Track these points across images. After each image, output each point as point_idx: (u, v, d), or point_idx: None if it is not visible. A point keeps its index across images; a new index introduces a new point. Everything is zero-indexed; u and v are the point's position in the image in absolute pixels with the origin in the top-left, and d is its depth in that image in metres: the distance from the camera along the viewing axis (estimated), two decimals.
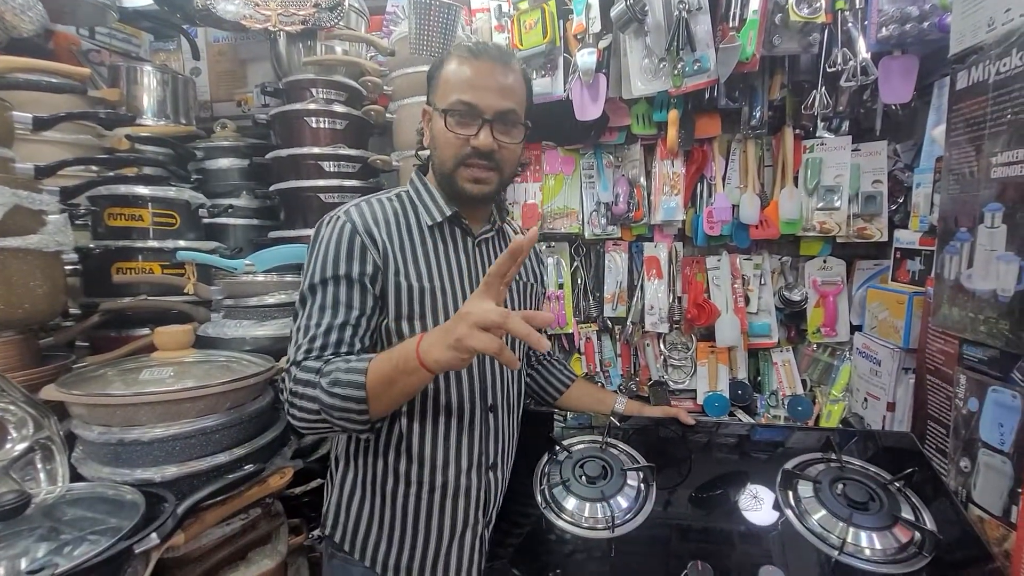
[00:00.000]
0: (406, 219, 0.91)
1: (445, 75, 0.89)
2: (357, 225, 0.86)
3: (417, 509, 0.89)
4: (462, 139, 0.86)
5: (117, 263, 1.17)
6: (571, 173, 1.75)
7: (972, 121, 0.94)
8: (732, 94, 1.56)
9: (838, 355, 1.64)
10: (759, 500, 0.96)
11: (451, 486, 0.90)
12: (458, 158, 0.87)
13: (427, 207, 0.93)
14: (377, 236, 0.86)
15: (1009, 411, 0.87)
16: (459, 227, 0.95)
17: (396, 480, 0.89)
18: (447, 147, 0.88)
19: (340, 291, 0.83)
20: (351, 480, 0.91)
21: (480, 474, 0.93)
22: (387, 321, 0.87)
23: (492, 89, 0.86)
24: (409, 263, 0.88)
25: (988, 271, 0.89)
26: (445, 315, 0.88)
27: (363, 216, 0.87)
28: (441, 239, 0.93)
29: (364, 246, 0.85)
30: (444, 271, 0.90)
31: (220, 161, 1.53)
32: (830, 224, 1.56)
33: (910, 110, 1.50)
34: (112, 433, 0.83)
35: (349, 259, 0.84)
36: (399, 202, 0.94)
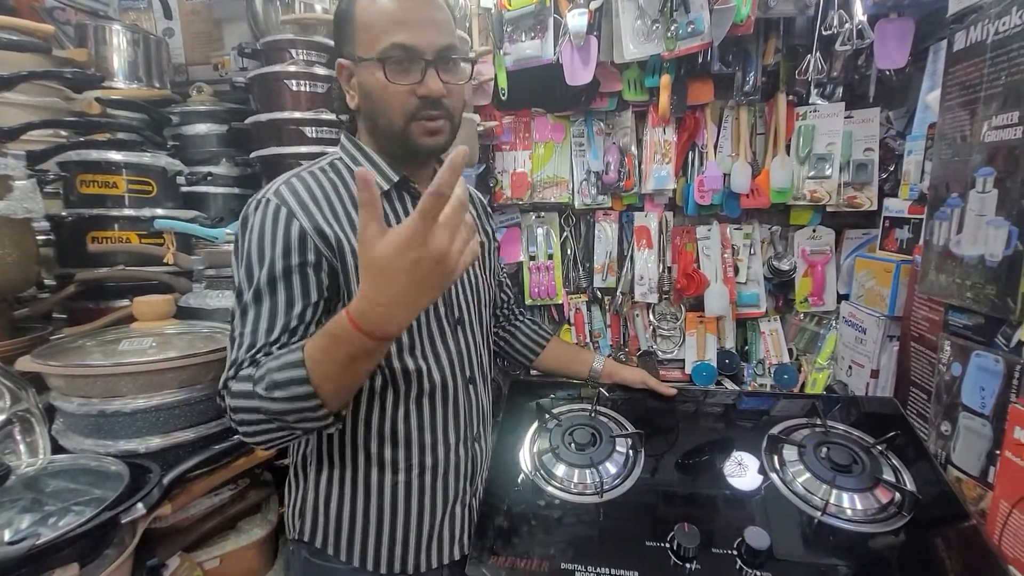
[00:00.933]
0: (348, 191, 0.79)
1: (364, 17, 0.75)
2: (292, 207, 0.73)
3: (408, 495, 0.85)
4: (406, 90, 0.74)
5: (92, 232, 1.13)
6: (561, 141, 1.71)
7: (967, 84, 0.92)
8: (726, 59, 1.52)
9: (824, 324, 1.66)
10: (744, 465, 0.97)
11: (440, 465, 0.87)
12: (407, 112, 0.75)
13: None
14: (320, 219, 0.74)
15: (991, 375, 0.89)
16: (407, 192, 0.85)
17: (381, 469, 0.83)
18: (391, 102, 0.75)
19: (278, 292, 0.72)
20: (327, 478, 0.83)
21: (467, 447, 0.92)
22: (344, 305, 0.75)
23: (427, 23, 0.74)
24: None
25: (977, 236, 0.89)
26: None
27: (297, 194, 0.75)
28: (390, 209, 0.82)
29: (303, 230, 0.73)
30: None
31: (197, 127, 1.47)
32: (820, 193, 1.56)
33: (904, 76, 1.48)
34: (92, 404, 0.81)
35: (287, 248, 0.72)
36: (335, 172, 0.81)
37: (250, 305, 0.72)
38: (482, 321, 0.97)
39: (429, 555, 0.88)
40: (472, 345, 0.93)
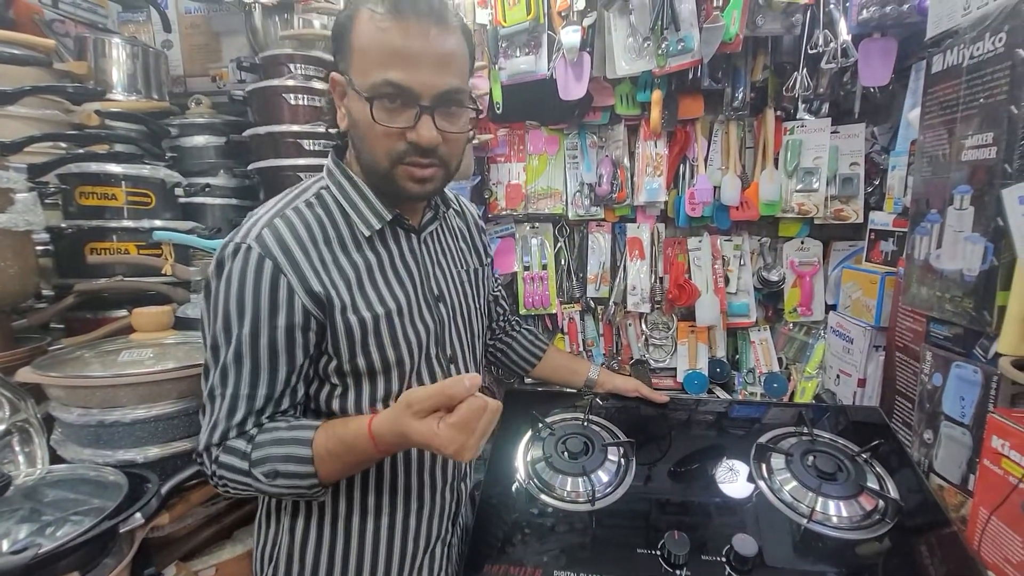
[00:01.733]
0: (336, 232, 0.72)
1: (361, 39, 0.66)
2: (278, 259, 0.66)
3: (390, 538, 0.81)
4: (395, 133, 0.67)
5: (91, 243, 1.14)
6: (555, 153, 1.74)
7: (945, 104, 0.96)
8: (715, 75, 1.56)
9: (813, 333, 1.69)
10: (734, 473, 0.99)
11: (426, 507, 0.84)
12: (393, 156, 0.68)
13: (359, 212, 0.74)
14: (310, 273, 0.68)
15: (970, 385, 0.92)
16: (401, 228, 0.79)
17: (364, 515, 0.79)
18: (377, 143, 0.68)
19: (261, 353, 0.67)
20: (303, 524, 0.78)
21: (453, 489, 0.90)
22: (336, 364, 0.73)
23: (429, 62, 0.65)
24: (355, 292, 0.72)
25: (956, 251, 0.92)
26: (406, 340, 0.76)
27: (282, 242, 0.67)
28: (383, 248, 0.76)
29: (291, 289, 0.67)
30: (395, 287, 0.76)
31: (195, 139, 1.49)
32: (808, 206, 1.59)
33: (888, 93, 1.52)
34: (92, 415, 0.82)
35: (273, 309, 0.66)
36: (322, 207, 0.73)
37: (230, 365, 0.67)
38: (475, 355, 0.93)
39: None
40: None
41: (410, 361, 0.78)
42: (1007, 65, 0.81)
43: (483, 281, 0.96)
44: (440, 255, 0.86)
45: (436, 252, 0.86)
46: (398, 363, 0.76)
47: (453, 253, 0.90)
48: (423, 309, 0.80)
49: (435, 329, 0.81)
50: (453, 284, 0.87)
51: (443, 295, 0.84)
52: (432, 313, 0.81)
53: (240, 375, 0.67)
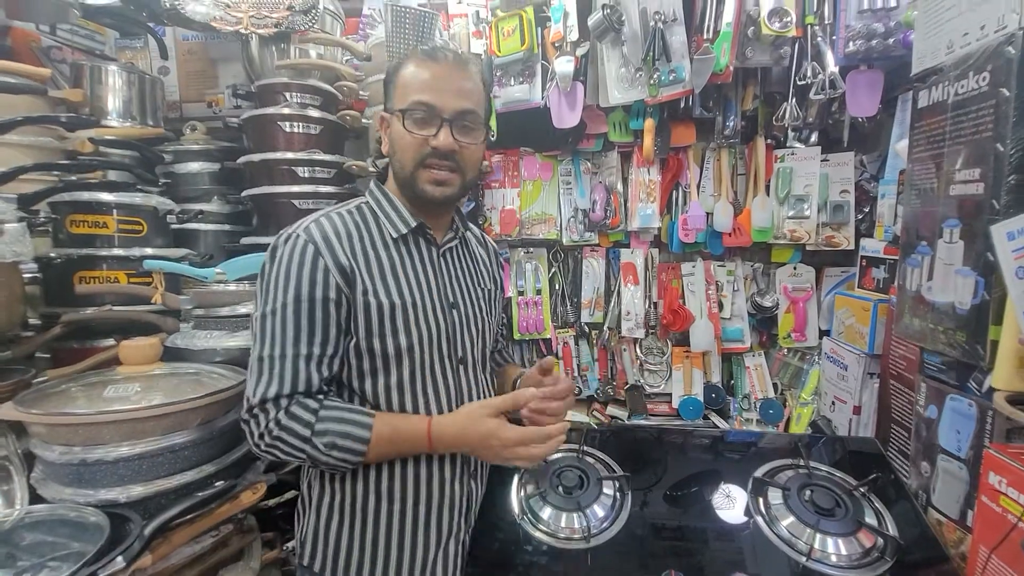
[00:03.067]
0: (368, 232, 0.88)
1: (402, 79, 0.88)
2: (319, 244, 0.82)
3: (402, 526, 0.88)
4: (421, 139, 0.85)
5: (80, 272, 1.12)
6: (549, 179, 1.76)
7: (932, 139, 0.98)
8: (706, 104, 1.58)
9: (807, 359, 1.69)
10: (732, 505, 0.98)
11: (435, 498, 0.90)
12: (418, 159, 0.86)
13: (390, 218, 0.91)
14: (341, 254, 0.83)
15: (965, 419, 0.91)
16: (424, 237, 0.93)
17: (379, 499, 0.87)
18: (407, 149, 0.86)
19: (302, 317, 0.80)
20: (328, 504, 0.88)
21: (463, 482, 0.94)
22: (355, 341, 0.84)
23: (450, 90, 0.86)
24: (376, 279, 0.85)
25: (947, 284, 0.92)
26: (418, 330, 0.87)
27: (324, 233, 0.84)
28: (407, 251, 0.91)
29: (327, 268, 0.81)
30: (412, 284, 0.89)
31: (190, 165, 1.49)
32: (800, 232, 1.60)
33: (875, 122, 1.55)
34: (74, 453, 0.79)
35: (312, 282, 0.80)
36: (359, 215, 0.91)
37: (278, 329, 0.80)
38: (484, 364, 1.02)
39: None
40: (473, 383, 0.96)
41: (420, 351, 0.87)
42: (991, 103, 0.82)
43: (496, 303, 1.07)
44: (457, 270, 0.98)
45: (454, 267, 0.97)
46: (408, 350, 0.86)
47: (470, 272, 1.01)
48: (437, 310, 0.90)
49: (447, 329, 0.91)
50: (468, 297, 0.97)
51: (457, 303, 0.94)
52: (445, 315, 0.91)
53: (286, 340, 0.79)
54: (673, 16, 1.46)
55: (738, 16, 1.42)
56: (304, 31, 1.31)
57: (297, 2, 1.25)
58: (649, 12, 1.46)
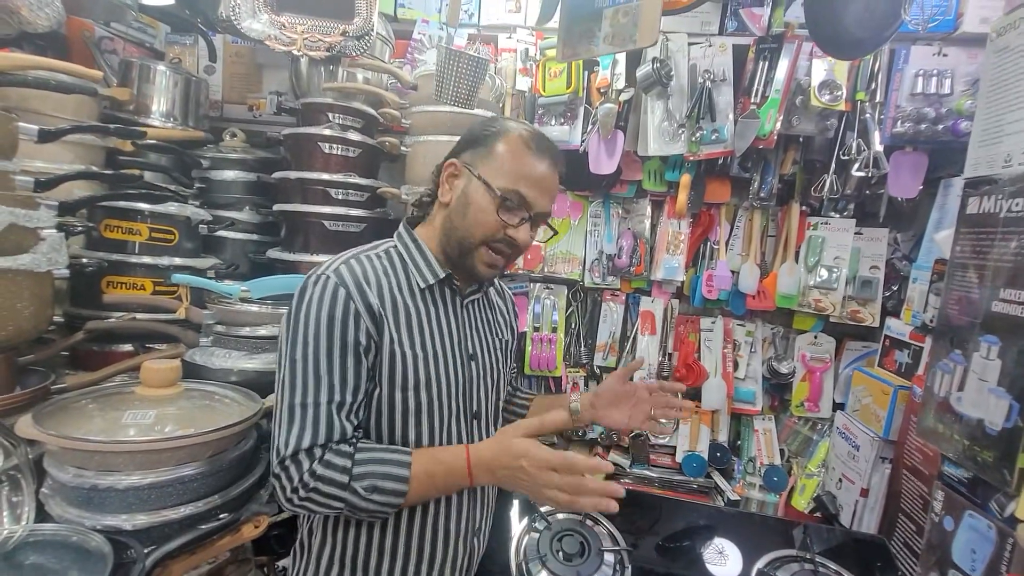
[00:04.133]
0: (396, 280, 0.87)
1: (505, 153, 0.85)
2: (350, 288, 0.80)
3: None
4: (501, 224, 0.84)
5: (109, 276, 1.13)
6: (578, 219, 1.75)
7: (979, 249, 0.96)
8: (745, 164, 1.57)
9: (818, 430, 1.67)
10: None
11: (439, 556, 0.88)
12: (487, 238, 0.85)
13: (418, 267, 0.89)
14: (372, 301, 0.81)
15: (983, 539, 0.89)
16: (450, 288, 0.93)
17: (380, 555, 0.85)
18: (482, 226, 0.85)
19: (335, 364, 0.78)
20: (328, 555, 0.86)
21: (466, 541, 0.93)
22: (380, 392, 0.83)
23: (549, 193, 0.87)
24: (403, 330, 0.84)
25: (979, 400, 0.90)
26: (437, 384, 0.86)
27: (355, 276, 0.82)
28: (432, 301, 0.90)
29: (358, 313, 0.80)
30: (436, 336, 0.88)
31: (226, 173, 1.49)
32: (825, 303, 1.59)
33: (914, 202, 1.53)
34: (86, 478, 0.80)
35: (344, 327, 0.79)
36: (388, 260, 0.89)
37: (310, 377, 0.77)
38: (497, 415, 1.01)
39: None
40: (486, 437, 0.94)
41: (438, 405, 0.86)
42: None
43: (511, 353, 1.07)
44: (478, 321, 0.97)
45: (475, 318, 0.97)
46: (428, 404, 0.85)
47: (490, 322, 1.01)
48: (457, 363, 0.89)
49: (464, 384, 0.90)
50: (486, 348, 0.97)
51: (476, 355, 0.94)
52: (464, 369, 0.91)
53: (320, 387, 0.77)
54: (723, 76, 1.45)
55: (788, 83, 1.41)
56: (355, 56, 1.31)
57: (351, 28, 1.26)
58: (699, 69, 1.46)
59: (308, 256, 1.35)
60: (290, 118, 1.52)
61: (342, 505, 0.76)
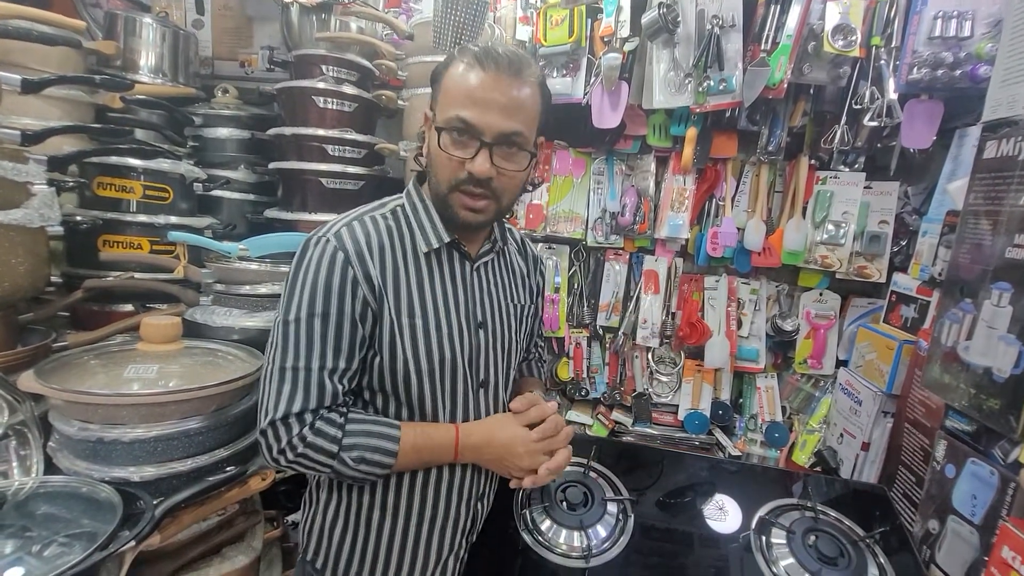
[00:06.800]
0: (401, 243, 0.83)
1: (447, 82, 0.79)
2: (350, 254, 0.77)
3: (404, 541, 0.87)
4: (456, 162, 0.78)
5: (104, 235, 1.12)
6: (580, 177, 1.71)
7: (994, 194, 0.93)
8: (753, 116, 1.52)
9: (820, 387, 1.67)
10: (734, 540, 0.98)
11: (440, 517, 0.89)
12: (452, 182, 0.79)
13: (424, 230, 0.85)
14: (372, 270, 0.79)
15: (985, 485, 0.89)
16: (457, 251, 0.88)
17: (383, 512, 0.86)
18: (441, 168, 0.80)
19: (329, 330, 0.76)
20: (333, 508, 0.87)
21: (469, 505, 0.92)
22: (380, 359, 0.81)
23: (496, 106, 0.76)
24: (403, 299, 0.81)
25: (988, 348, 0.89)
26: (440, 353, 0.83)
27: (356, 241, 0.79)
28: (437, 266, 0.86)
29: (356, 280, 0.77)
30: (440, 304, 0.84)
31: (219, 130, 1.45)
32: (832, 260, 1.56)
33: (926, 154, 1.48)
34: (91, 431, 0.80)
35: (341, 293, 0.76)
36: (394, 220, 0.85)
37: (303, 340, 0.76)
38: (507, 384, 0.97)
39: None
40: (492, 407, 0.93)
41: (440, 374, 0.84)
42: None
43: (529, 317, 1.03)
44: (491, 285, 0.93)
45: (487, 282, 0.92)
46: (429, 373, 0.83)
47: (504, 285, 0.96)
48: (462, 331, 0.86)
49: (470, 352, 0.87)
50: (498, 314, 0.93)
51: (485, 323, 0.90)
52: (471, 338, 0.87)
53: (312, 352, 0.76)
54: (732, 22, 1.39)
55: (800, 29, 1.35)
56: (348, 3, 1.25)
57: None
58: (707, 15, 1.39)
59: (306, 215, 1.33)
60: (283, 74, 1.47)
61: (329, 471, 0.77)
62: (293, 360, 0.75)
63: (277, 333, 0.78)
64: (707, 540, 0.98)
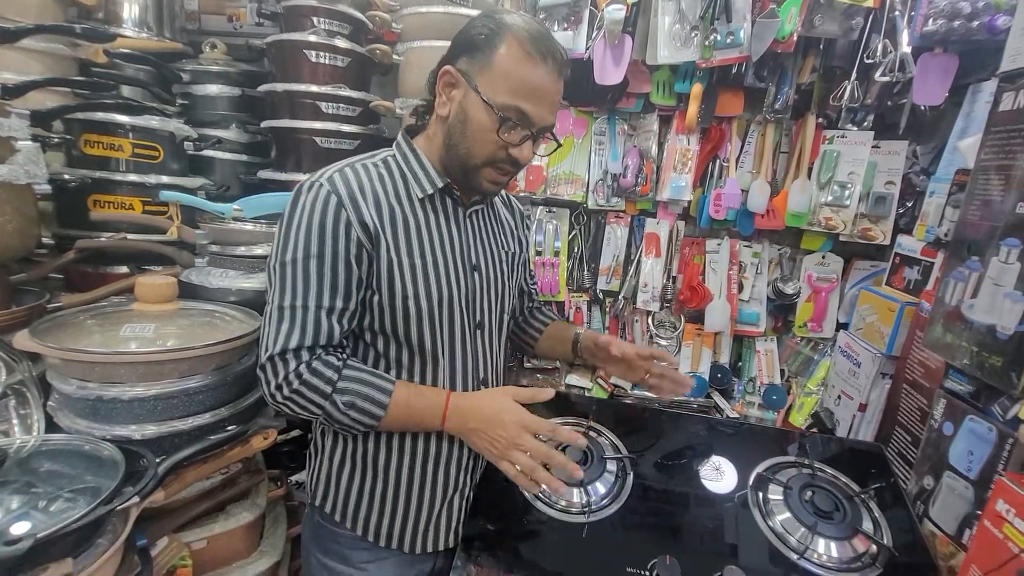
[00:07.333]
0: (395, 189, 0.86)
1: (504, 62, 0.78)
2: (343, 197, 0.79)
3: (410, 480, 0.91)
4: (502, 144, 0.81)
5: (94, 195, 1.09)
6: (582, 137, 1.67)
7: (1008, 147, 0.90)
8: (760, 73, 1.47)
9: (819, 350, 1.67)
10: (731, 497, 1.00)
11: (444, 454, 0.92)
12: (489, 159, 0.83)
13: (417, 177, 0.87)
14: (365, 210, 0.81)
15: (982, 442, 0.90)
16: (451, 197, 0.91)
17: (389, 453, 0.89)
18: (484, 146, 0.82)
19: (325, 270, 0.78)
20: (340, 453, 0.90)
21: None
22: (379, 298, 0.83)
23: (550, 104, 0.82)
24: (401, 239, 0.84)
25: (993, 305, 0.88)
26: (438, 292, 0.86)
27: (348, 185, 0.81)
28: (432, 211, 0.89)
29: (349, 222, 0.79)
30: (437, 245, 0.87)
31: (208, 87, 1.40)
32: (836, 221, 1.54)
33: (937, 112, 1.44)
34: (90, 389, 0.80)
35: (335, 235, 0.78)
36: (385, 168, 0.87)
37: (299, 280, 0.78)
38: (501, 327, 1.01)
39: (425, 539, 0.94)
40: (488, 349, 0.97)
41: (438, 313, 0.87)
42: None
43: (519, 266, 1.06)
44: (482, 232, 0.96)
45: (479, 229, 0.95)
46: (428, 313, 0.85)
47: (494, 234, 0.99)
48: (458, 272, 0.89)
49: (466, 293, 0.90)
50: (491, 259, 0.96)
51: (479, 266, 0.93)
52: (466, 279, 0.90)
53: (308, 292, 0.78)
54: None
55: None
56: None
57: None
58: None
59: (300, 175, 1.30)
60: (272, 27, 1.41)
61: (320, 412, 0.79)
62: (291, 299, 0.78)
63: (275, 275, 0.80)
64: (704, 500, 0.99)
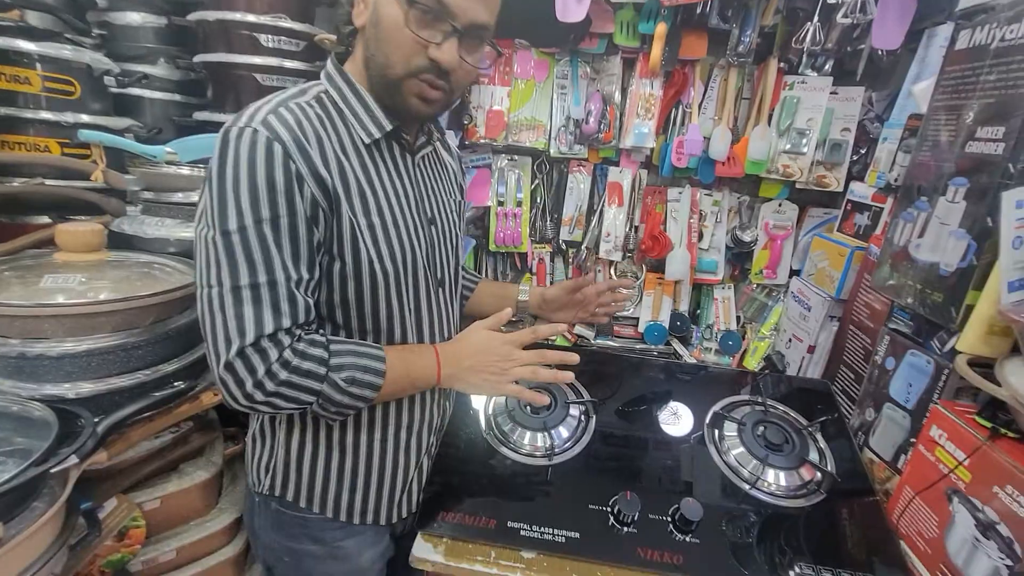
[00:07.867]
0: (337, 134, 0.72)
1: None
2: (288, 145, 0.65)
3: (383, 452, 0.85)
4: (421, 45, 0.68)
5: (2, 135, 0.97)
6: (543, 80, 1.61)
7: (961, 87, 0.91)
8: (725, 13, 1.44)
9: (773, 296, 1.73)
10: (688, 436, 1.03)
11: (416, 422, 0.89)
12: (409, 67, 0.70)
13: (359, 118, 0.75)
14: (317, 160, 0.68)
15: (920, 374, 0.95)
16: (398, 143, 0.80)
17: (358, 430, 0.82)
18: (398, 48, 0.69)
19: (283, 234, 0.65)
20: (299, 437, 0.81)
21: (439, 404, 0.95)
22: (342, 266, 0.73)
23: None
24: (354, 195, 0.72)
25: (937, 244, 0.92)
26: (401, 251, 0.77)
27: (292, 130, 0.66)
28: (381, 159, 0.77)
29: (300, 176, 0.65)
30: (393, 200, 0.77)
31: (130, 15, 1.25)
32: (793, 169, 1.56)
33: (893, 58, 1.45)
34: (11, 345, 0.73)
35: (289, 191, 0.65)
36: (321, 108, 0.73)
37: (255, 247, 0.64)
38: (457, 283, 0.97)
39: (400, 505, 0.90)
40: (450, 307, 0.93)
41: (403, 274, 0.79)
42: None
43: (461, 212, 0.99)
44: (432, 180, 0.88)
45: (429, 177, 0.87)
46: (395, 275, 0.78)
47: (442, 181, 0.92)
48: (418, 228, 0.81)
49: (427, 250, 0.83)
50: (443, 210, 0.89)
51: (435, 218, 0.86)
52: (424, 233, 0.83)
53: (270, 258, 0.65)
54: None
55: None
56: None
57: None
58: None
59: None
60: None
61: (314, 399, 0.69)
62: (249, 276, 0.64)
63: (214, 249, 0.64)
64: (663, 443, 1.02)
